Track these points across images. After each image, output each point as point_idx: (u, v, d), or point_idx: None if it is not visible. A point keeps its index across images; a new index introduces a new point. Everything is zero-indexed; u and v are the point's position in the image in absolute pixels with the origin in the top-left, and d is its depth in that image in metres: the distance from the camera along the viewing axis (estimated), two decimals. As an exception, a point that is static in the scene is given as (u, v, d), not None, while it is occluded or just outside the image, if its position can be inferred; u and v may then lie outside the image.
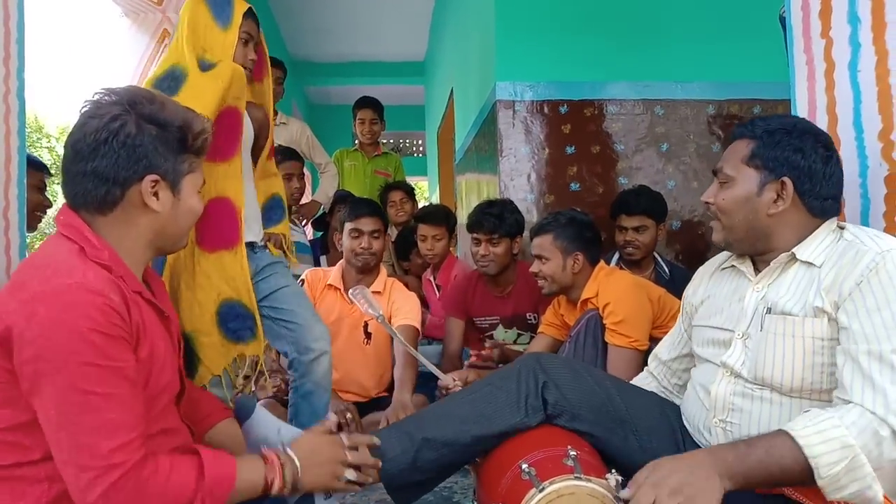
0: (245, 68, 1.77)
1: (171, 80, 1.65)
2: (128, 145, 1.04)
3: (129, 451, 0.95)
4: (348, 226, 2.42)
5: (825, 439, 1.01)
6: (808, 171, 1.22)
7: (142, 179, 1.06)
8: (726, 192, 1.29)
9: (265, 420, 1.39)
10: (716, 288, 1.41)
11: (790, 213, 1.24)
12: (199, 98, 1.58)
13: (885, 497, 1.05)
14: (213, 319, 1.69)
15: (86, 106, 1.08)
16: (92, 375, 0.94)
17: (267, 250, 1.93)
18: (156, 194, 1.08)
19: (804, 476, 1.03)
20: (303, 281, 2.46)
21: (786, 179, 1.23)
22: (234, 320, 1.73)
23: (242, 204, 1.73)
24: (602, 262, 2.24)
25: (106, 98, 1.08)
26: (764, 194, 1.25)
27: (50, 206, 2.62)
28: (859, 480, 1.00)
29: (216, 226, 1.68)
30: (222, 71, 1.68)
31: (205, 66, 1.69)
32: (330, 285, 2.44)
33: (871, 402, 1.03)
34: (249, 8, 1.79)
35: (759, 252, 1.30)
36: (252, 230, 1.86)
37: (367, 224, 2.40)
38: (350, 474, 1.22)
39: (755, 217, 1.26)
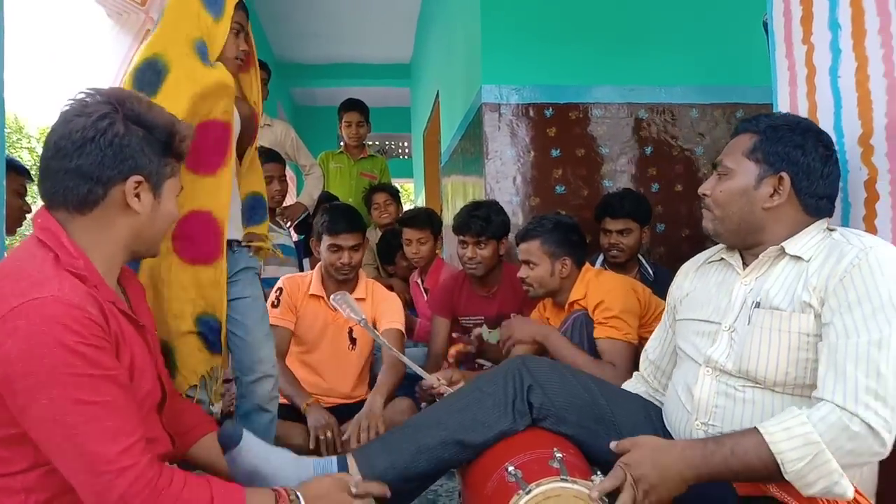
0: (237, 59, 1.73)
1: (153, 73, 1.57)
2: (115, 144, 1.04)
3: (135, 453, 0.96)
4: (327, 240, 2.36)
5: (790, 436, 1.04)
6: (806, 168, 1.24)
7: (126, 180, 1.06)
8: (724, 183, 1.31)
9: (255, 448, 1.31)
10: (701, 281, 1.42)
11: (785, 208, 1.26)
12: (175, 102, 1.50)
13: (856, 491, 1.07)
14: (191, 329, 1.65)
15: (70, 104, 1.07)
16: (86, 385, 0.94)
17: (244, 252, 1.87)
18: (137, 195, 1.07)
19: (770, 473, 1.06)
20: (280, 289, 2.40)
21: (784, 175, 1.24)
22: (209, 333, 1.69)
23: (226, 218, 1.68)
24: (588, 265, 2.25)
25: (92, 97, 1.07)
26: (761, 188, 1.26)
27: (29, 211, 2.58)
28: (825, 477, 1.02)
29: (195, 239, 1.63)
30: (205, 77, 1.60)
31: (202, 52, 1.62)
32: (313, 295, 2.42)
33: (841, 397, 1.04)
34: None
35: (748, 245, 1.31)
36: (233, 228, 1.81)
37: (346, 240, 2.35)
38: None
39: (750, 210, 1.27)
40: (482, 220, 2.47)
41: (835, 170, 1.27)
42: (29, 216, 2.59)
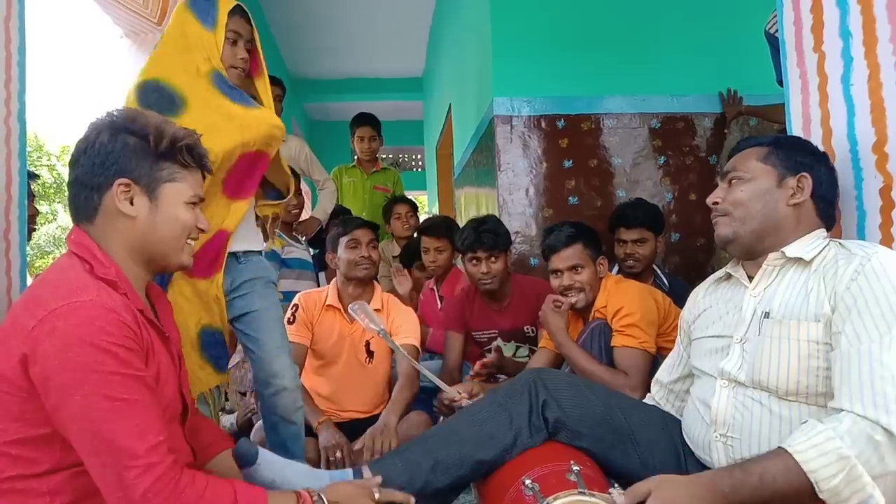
0: (235, 68, 1.73)
1: (161, 97, 1.60)
2: (102, 153, 1.11)
3: (161, 452, 0.99)
4: (344, 239, 2.41)
5: (821, 452, 1.01)
6: (820, 173, 1.29)
7: (112, 184, 1.11)
8: (744, 185, 1.32)
9: (271, 464, 1.35)
10: (712, 300, 1.43)
11: (805, 209, 1.29)
12: (215, 136, 1.54)
13: None
14: (195, 343, 1.66)
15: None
16: (117, 383, 0.98)
17: (250, 263, 1.83)
18: (131, 200, 1.12)
19: (800, 494, 1.03)
20: (296, 305, 2.42)
21: (805, 174, 1.28)
22: (213, 347, 1.70)
23: (232, 233, 1.72)
24: (608, 273, 2.24)
25: (98, 117, 1.15)
26: (783, 188, 1.29)
27: (37, 213, 2.60)
28: (860, 491, 1.00)
29: (204, 256, 1.65)
30: (255, 121, 1.65)
31: (234, 96, 1.66)
32: (329, 306, 2.43)
33: (860, 406, 1.03)
34: (236, 5, 1.73)
35: (760, 250, 1.31)
36: (243, 240, 1.81)
37: (363, 234, 2.42)
38: None
39: (774, 208, 1.29)
40: (492, 233, 2.47)
41: (836, 178, 1.33)
42: (50, 228, 2.62)
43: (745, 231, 1.31)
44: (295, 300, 2.45)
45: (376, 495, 1.24)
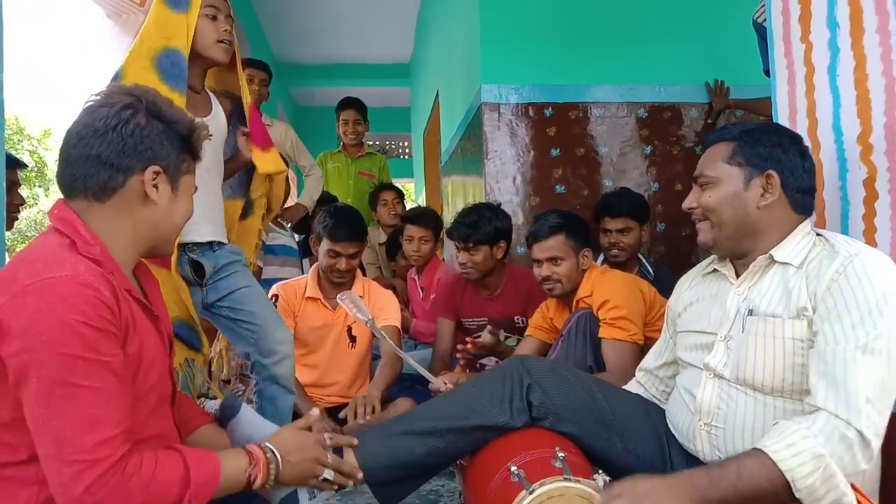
0: (221, 41, 1.73)
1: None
2: (136, 135, 1.06)
3: (113, 446, 0.94)
4: (327, 244, 2.37)
5: (796, 452, 1.02)
6: (789, 164, 1.26)
7: (144, 169, 1.08)
8: (712, 191, 1.31)
9: (251, 419, 1.39)
10: (698, 294, 1.43)
11: (777, 207, 1.26)
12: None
13: (861, 494, 1.06)
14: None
15: (95, 96, 1.10)
16: (78, 368, 0.93)
17: (225, 248, 1.86)
18: (156, 186, 1.10)
19: (779, 492, 1.03)
20: (275, 297, 2.40)
21: (772, 172, 1.25)
22: (185, 333, 1.73)
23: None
24: (593, 262, 2.24)
25: (115, 90, 1.10)
26: (751, 189, 1.27)
27: (22, 203, 2.55)
28: (834, 490, 1.02)
29: None
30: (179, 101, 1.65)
31: (164, 65, 1.66)
32: (309, 297, 2.42)
33: (833, 405, 1.04)
34: None
35: (743, 252, 1.31)
36: (214, 229, 1.83)
37: (346, 248, 2.36)
38: (328, 474, 1.24)
39: (745, 212, 1.27)
40: (466, 226, 2.45)
41: (811, 164, 1.30)
42: (32, 212, 2.58)
43: (722, 237, 1.31)
44: (273, 291, 2.43)
45: (327, 440, 1.26)
